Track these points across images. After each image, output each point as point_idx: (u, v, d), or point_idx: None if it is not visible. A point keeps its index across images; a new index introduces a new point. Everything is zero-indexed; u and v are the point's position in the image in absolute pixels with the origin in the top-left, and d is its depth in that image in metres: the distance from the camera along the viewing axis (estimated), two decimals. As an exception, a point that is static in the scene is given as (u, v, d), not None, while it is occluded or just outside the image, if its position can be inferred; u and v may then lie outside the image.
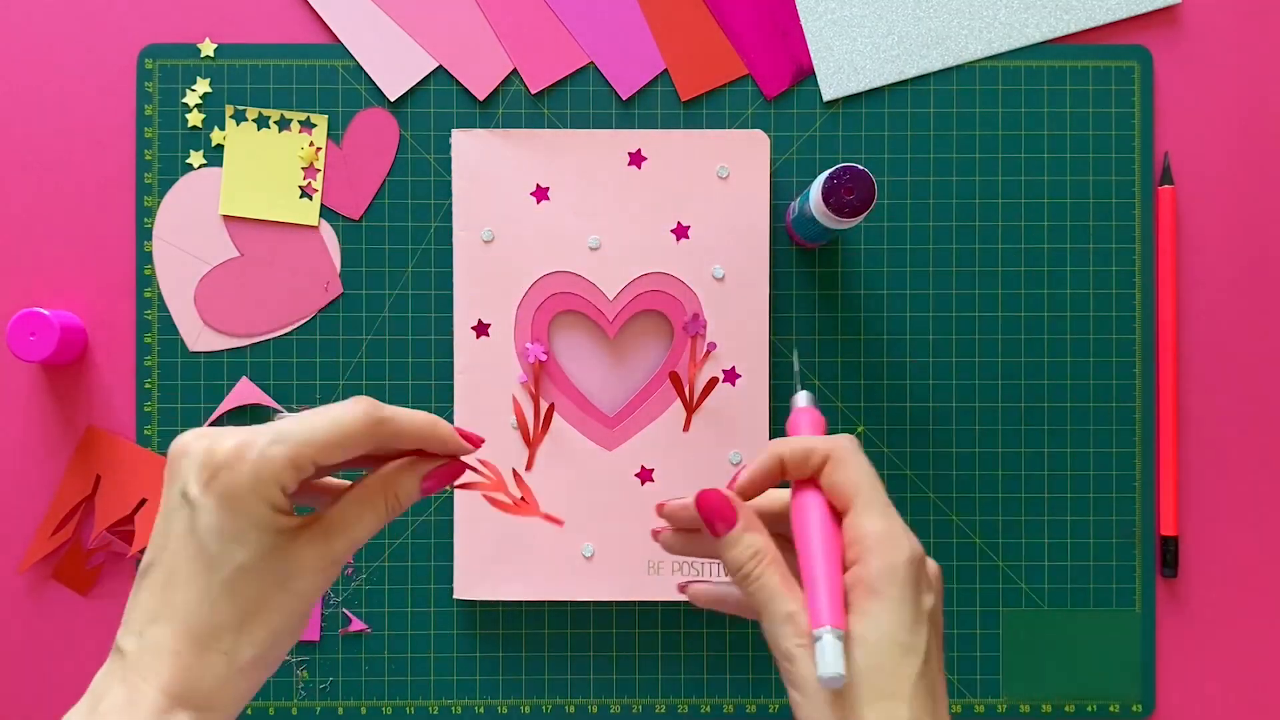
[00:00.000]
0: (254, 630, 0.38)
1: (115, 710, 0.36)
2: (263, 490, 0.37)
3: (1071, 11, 0.61)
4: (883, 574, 0.39)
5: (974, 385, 0.61)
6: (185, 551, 0.37)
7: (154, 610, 0.38)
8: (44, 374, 0.61)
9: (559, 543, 0.59)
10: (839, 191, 0.51)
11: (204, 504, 0.37)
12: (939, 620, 0.40)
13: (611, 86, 0.61)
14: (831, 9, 0.61)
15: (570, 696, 0.61)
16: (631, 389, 0.60)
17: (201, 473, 0.37)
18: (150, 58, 0.61)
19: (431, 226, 0.61)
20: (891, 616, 0.38)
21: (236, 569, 0.37)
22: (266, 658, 0.39)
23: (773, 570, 0.40)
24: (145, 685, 0.37)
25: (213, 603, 0.37)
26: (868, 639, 0.38)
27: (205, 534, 0.37)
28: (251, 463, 0.37)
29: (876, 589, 0.39)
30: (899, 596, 0.39)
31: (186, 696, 0.37)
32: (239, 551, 0.37)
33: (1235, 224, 0.62)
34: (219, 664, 0.37)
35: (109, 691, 0.37)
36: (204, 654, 0.37)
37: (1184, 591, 0.61)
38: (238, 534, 0.37)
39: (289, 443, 0.38)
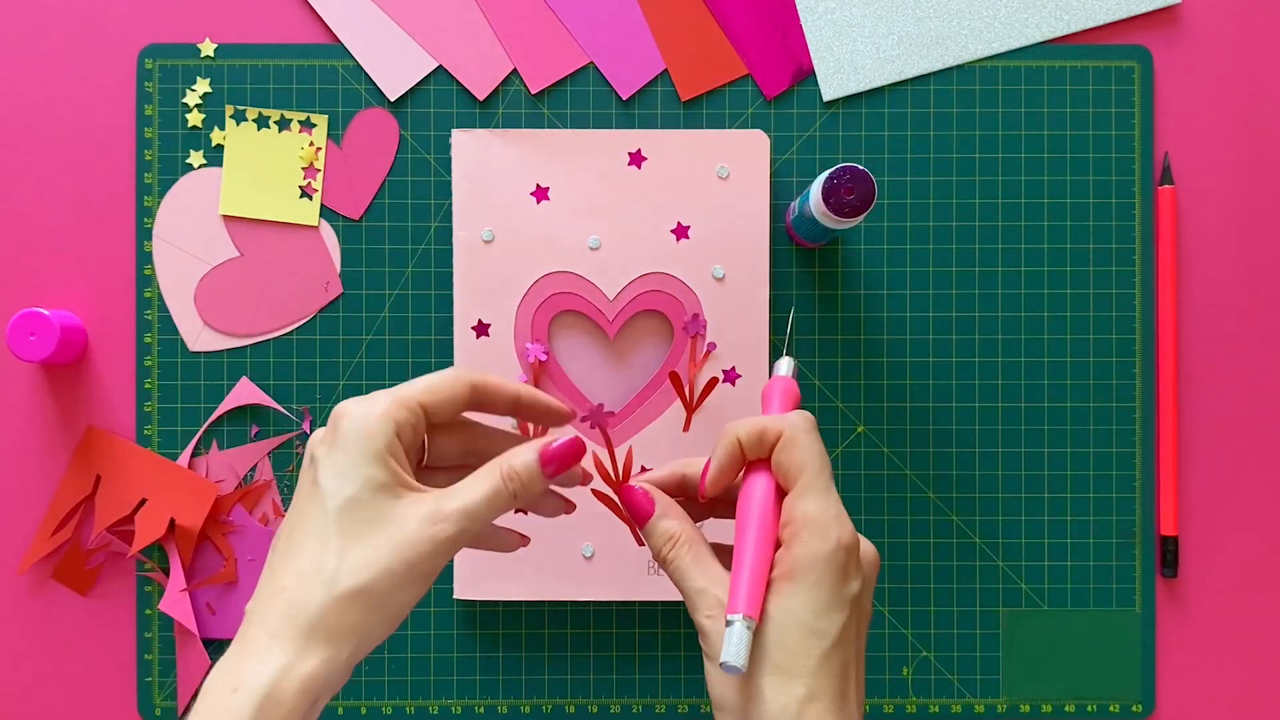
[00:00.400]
0: (355, 560, 0.39)
1: (223, 665, 0.38)
2: (374, 427, 0.39)
3: (1071, 11, 0.61)
4: (804, 559, 0.40)
5: (974, 385, 0.61)
6: (305, 502, 0.40)
7: (272, 563, 0.40)
8: (44, 374, 0.61)
9: (559, 543, 0.59)
10: (839, 191, 0.51)
11: (325, 453, 0.40)
12: (865, 605, 0.42)
13: (611, 86, 0.61)
14: (831, 9, 0.61)
15: (570, 696, 0.61)
16: (631, 389, 0.60)
17: (324, 435, 0.40)
18: (150, 58, 0.61)
19: (431, 226, 0.61)
20: (804, 600, 0.40)
21: (344, 501, 0.39)
22: (373, 592, 0.39)
23: (684, 550, 0.42)
24: (254, 630, 0.39)
25: (319, 535, 0.39)
26: (775, 619, 0.39)
27: (323, 476, 0.39)
28: (363, 409, 0.40)
29: (795, 573, 0.40)
30: (816, 581, 0.40)
31: (284, 631, 0.38)
32: (346, 486, 0.39)
33: (1235, 224, 0.62)
34: (319, 592, 0.38)
35: (231, 649, 0.39)
36: (307, 584, 0.39)
37: (1184, 591, 0.61)
38: (346, 469, 0.39)
39: (390, 393, 0.41)
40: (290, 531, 0.40)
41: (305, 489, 0.40)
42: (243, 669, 0.38)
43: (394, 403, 0.40)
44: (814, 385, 0.61)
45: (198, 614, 0.60)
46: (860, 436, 0.61)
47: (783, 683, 0.39)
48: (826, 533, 0.40)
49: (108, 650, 0.61)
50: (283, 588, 0.39)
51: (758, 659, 0.39)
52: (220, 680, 0.38)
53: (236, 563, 0.60)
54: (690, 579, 0.41)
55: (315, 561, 0.39)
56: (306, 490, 0.40)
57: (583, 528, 0.59)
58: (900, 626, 0.61)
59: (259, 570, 0.60)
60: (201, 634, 0.60)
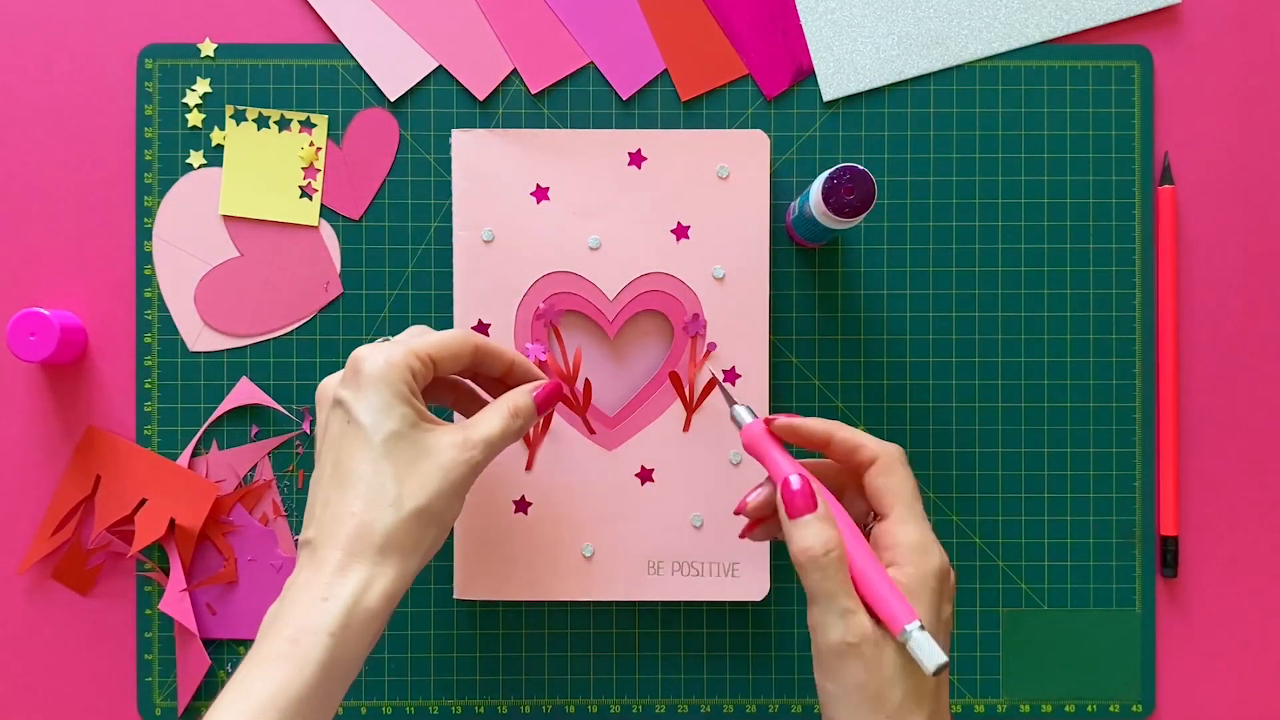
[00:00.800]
0: (411, 485, 0.44)
1: (305, 582, 0.43)
2: (395, 373, 0.45)
3: (1071, 11, 0.61)
4: (915, 582, 0.42)
5: (974, 385, 0.61)
6: (345, 439, 0.45)
7: (326, 496, 0.45)
8: (44, 374, 0.61)
9: (559, 543, 0.59)
10: (839, 191, 0.51)
11: (352, 395, 0.45)
12: (951, 626, 0.44)
13: (611, 86, 0.61)
14: (831, 9, 0.61)
15: (570, 696, 0.61)
16: (631, 389, 0.60)
17: (345, 380, 0.46)
18: (150, 58, 0.61)
19: (431, 226, 0.61)
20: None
21: (389, 434, 0.45)
22: (431, 510, 0.45)
23: (842, 566, 0.42)
24: (327, 551, 0.43)
25: (374, 465, 0.44)
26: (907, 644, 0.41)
27: (359, 414, 0.45)
28: (383, 356, 0.45)
29: (911, 593, 0.42)
30: (928, 604, 0.42)
31: (360, 549, 0.43)
32: (387, 421, 0.45)
33: (1235, 224, 0.62)
34: (388, 514, 0.44)
35: (300, 571, 0.44)
36: (374, 508, 0.44)
37: (1184, 591, 0.61)
38: (384, 407, 0.45)
39: (407, 343, 0.47)
40: (335, 468, 0.45)
41: (338, 428, 0.45)
42: (329, 582, 0.43)
43: (409, 352, 0.46)
44: (814, 385, 0.61)
45: (198, 614, 0.60)
46: (860, 436, 0.61)
47: (914, 708, 0.41)
48: (930, 557, 0.43)
49: (108, 650, 0.61)
50: (351, 513, 0.44)
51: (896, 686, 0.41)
52: (305, 595, 0.43)
53: (236, 563, 0.60)
54: (842, 598, 0.42)
55: (376, 488, 0.44)
56: (340, 429, 0.45)
57: (583, 528, 0.59)
58: (900, 626, 0.61)
59: (259, 570, 0.60)
60: (201, 634, 0.60)
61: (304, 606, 0.43)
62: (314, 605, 0.42)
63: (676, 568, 0.59)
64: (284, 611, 0.43)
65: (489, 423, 0.48)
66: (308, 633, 0.42)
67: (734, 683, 0.61)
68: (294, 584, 0.44)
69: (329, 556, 0.43)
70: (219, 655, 0.60)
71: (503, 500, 0.59)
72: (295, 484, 0.60)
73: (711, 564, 0.59)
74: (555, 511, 0.59)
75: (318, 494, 0.45)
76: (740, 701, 0.61)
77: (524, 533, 0.59)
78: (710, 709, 0.61)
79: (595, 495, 0.59)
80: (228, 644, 0.60)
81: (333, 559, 0.43)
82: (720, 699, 0.61)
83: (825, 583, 0.42)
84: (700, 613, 0.61)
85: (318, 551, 0.44)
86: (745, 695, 0.61)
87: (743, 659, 0.61)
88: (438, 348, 0.47)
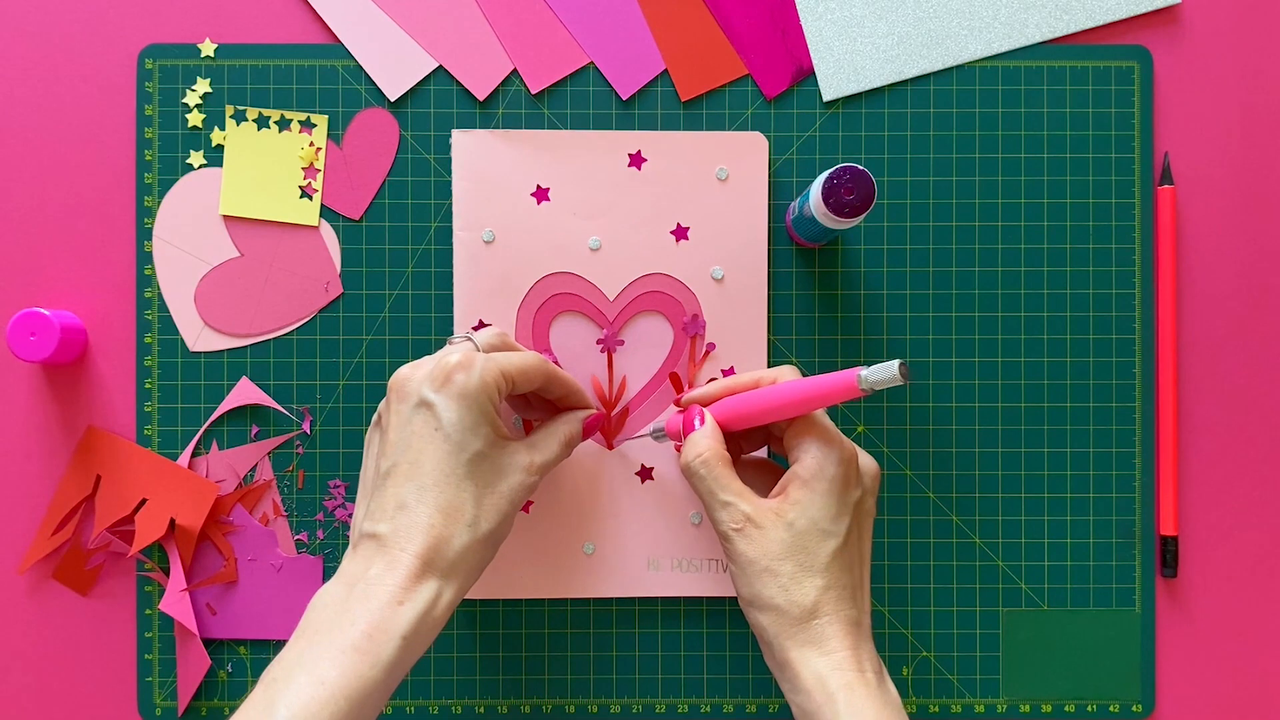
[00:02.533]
0: (487, 507, 0.47)
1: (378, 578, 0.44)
2: (488, 392, 0.47)
3: (1071, 11, 0.61)
4: (813, 471, 0.48)
5: (974, 385, 0.61)
6: (430, 445, 0.46)
7: (401, 498, 0.46)
8: (44, 374, 0.61)
9: (560, 541, 0.59)
10: (839, 192, 0.51)
11: (444, 403, 0.46)
12: (867, 508, 0.50)
13: (611, 86, 0.61)
14: (831, 9, 0.61)
15: (570, 696, 0.61)
16: (631, 389, 0.60)
17: (436, 381, 0.47)
18: (150, 58, 0.61)
19: (431, 226, 0.61)
20: (815, 507, 0.48)
21: (475, 455, 0.47)
22: (498, 533, 0.47)
23: (714, 467, 0.49)
24: (403, 554, 0.45)
25: (458, 483, 0.46)
26: (795, 524, 0.48)
27: (449, 426, 0.46)
28: (478, 370, 0.47)
29: (807, 482, 0.48)
30: (824, 491, 0.48)
31: (436, 562, 0.45)
32: (475, 440, 0.47)
33: (1235, 224, 0.62)
34: (465, 534, 0.46)
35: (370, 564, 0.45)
36: (452, 525, 0.46)
37: (1184, 591, 0.61)
38: (474, 425, 0.47)
39: (498, 360, 0.49)
40: (415, 469, 0.46)
41: (423, 429, 0.47)
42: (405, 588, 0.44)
43: (500, 374, 0.48)
44: (814, 385, 0.61)
45: (198, 614, 0.60)
46: (860, 436, 0.61)
47: (806, 577, 0.47)
48: (830, 447, 0.48)
49: (108, 650, 0.61)
50: (431, 524, 0.45)
51: (785, 560, 0.47)
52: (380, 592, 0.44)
53: (236, 563, 0.60)
54: (721, 493, 0.49)
55: (456, 505, 0.46)
56: (426, 432, 0.46)
57: (584, 526, 0.59)
58: (900, 626, 0.61)
59: (259, 570, 0.60)
60: (201, 634, 0.60)
61: (379, 604, 0.44)
62: (390, 606, 0.44)
63: (676, 565, 0.59)
64: (356, 603, 0.44)
65: (549, 449, 0.51)
66: (383, 632, 0.43)
67: (734, 683, 0.61)
68: (365, 576, 0.45)
69: (405, 561, 0.45)
70: (219, 655, 0.60)
71: (503, 500, 0.59)
72: (295, 484, 0.60)
73: (711, 561, 0.59)
74: (556, 510, 0.59)
75: (389, 491, 0.46)
76: (740, 701, 0.61)
77: (525, 531, 0.59)
78: (710, 709, 0.61)
79: (596, 494, 0.59)
80: (228, 644, 0.60)
81: (409, 565, 0.45)
82: (720, 699, 0.61)
83: (703, 483, 0.50)
84: (700, 612, 0.61)
85: (390, 551, 0.45)
86: (745, 695, 0.61)
87: (742, 659, 0.61)
88: (519, 373, 0.49)
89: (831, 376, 0.47)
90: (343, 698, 0.41)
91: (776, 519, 0.48)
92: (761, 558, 0.48)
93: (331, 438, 0.61)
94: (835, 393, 0.47)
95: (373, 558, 0.45)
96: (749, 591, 0.48)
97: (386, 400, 0.49)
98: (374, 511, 0.47)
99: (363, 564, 0.45)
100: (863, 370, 0.46)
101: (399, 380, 0.49)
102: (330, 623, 0.43)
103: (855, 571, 0.49)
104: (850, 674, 0.47)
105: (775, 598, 0.47)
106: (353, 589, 0.44)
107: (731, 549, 0.49)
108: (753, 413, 0.51)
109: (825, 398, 0.48)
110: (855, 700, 0.46)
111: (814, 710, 0.46)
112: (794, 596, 0.47)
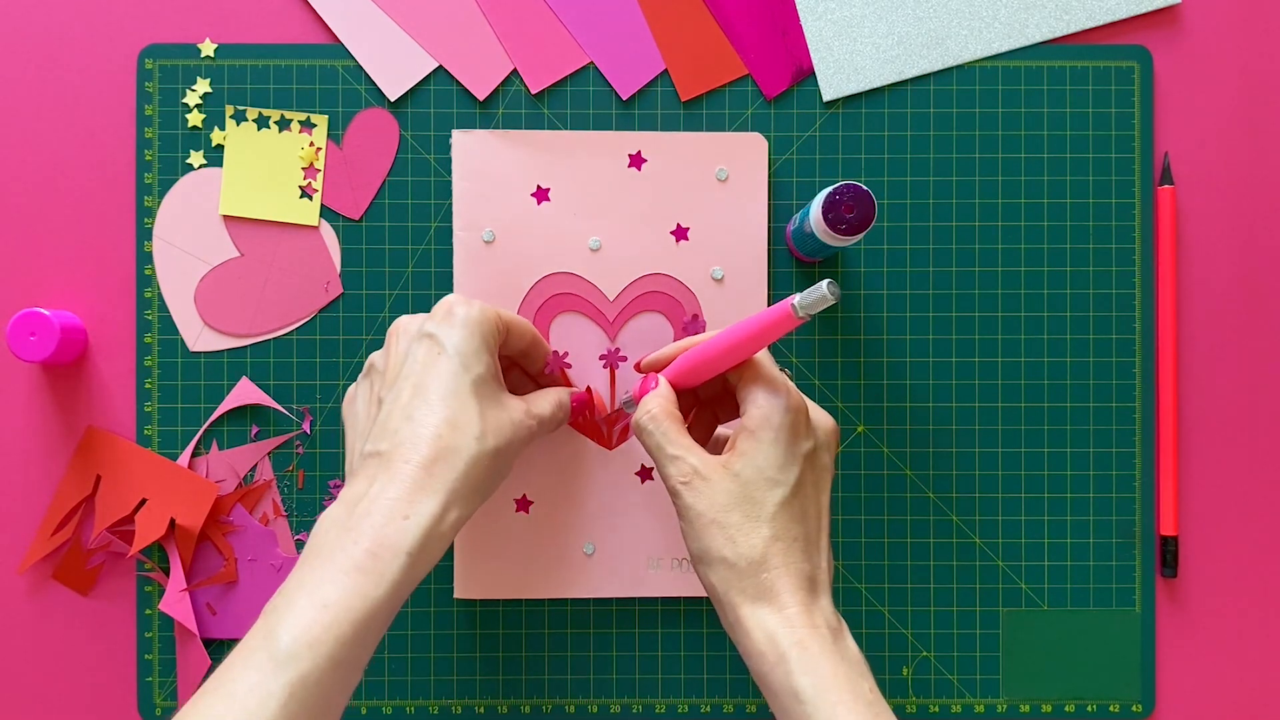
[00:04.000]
0: (491, 425, 0.46)
1: (379, 493, 0.43)
2: (487, 325, 0.47)
3: (1071, 11, 0.61)
4: (759, 421, 0.47)
5: (974, 385, 0.61)
6: (434, 366, 0.46)
7: (406, 412, 0.45)
8: (44, 374, 0.61)
9: (560, 541, 0.59)
10: (839, 208, 0.51)
11: (447, 330, 0.46)
12: (822, 461, 0.49)
13: (611, 86, 0.61)
14: (831, 9, 0.61)
15: (570, 696, 0.61)
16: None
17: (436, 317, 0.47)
18: (150, 58, 0.61)
19: (431, 226, 0.61)
20: (765, 455, 0.47)
21: (478, 376, 0.46)
22: (503, 455, 0.47)
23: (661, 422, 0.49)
24: (406, 465, 0.43)
25: (464, 398, 0.45)
26: (742, 474, 0.46)
27: (452, 349, 0.46)
28: (477, 307, 0.48)
29: (753, 432, 0.47)
30: (770, 439, 0.47)
31: (442, 472, 0.44)
32: (478, 364, 0.46)
33: (1235, 224, 0.62)
34: (473, 445, 0.45)
35: (372, 480, 0.43)
36: (459, 436, 0.44)
37: (1184, 591, 0.61)
38: (476, 350, 0.46)
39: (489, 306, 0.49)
40: (418, 390, 0.45)
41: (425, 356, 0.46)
42: (409, 499, 0.43)
43: (496, 313, 0.48)
44: (814, 385, 0.61)
45: (198, 614, 0.60)
46: (860, 436, 0.61)
47: (753, 528, 0.46)
48: (777, 396, 0.47)
49: (108, 650, 0.61)
50: (438, 434, 0.44)
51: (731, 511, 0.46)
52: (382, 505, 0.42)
53: (236, 563, 0.60)
54: (666, 448, 0.48)
55: (464, 418, 0.45)
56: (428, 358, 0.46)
57: (584, 526, 0.59)
58: (900, 626, 0.61)
59: (259, 570, 0.60)
60: (201, 634, 0.60)
61: (382, 518, 0.42)
62: (393, 520, 0.42)
63: (676, 565, 0.59)
64: (358, 519, 0.42)
65: (544, 403, 0.51)
66: (387, 548, 0.41)
67: (734, 683, 0.61)
68: (366, 494, 0.43)
69: (407, 472, 0.43)
70: (219, 655, 0.60)
71: (503, 499, 0.59)
72: (295, 484, 0.60)
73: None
74: (556, 510, 0.59)
75: (388, 411, 0.45)
76: (740, 701, 0.61)
77: (525, 531, 0.59)
78: (710, 709, 0.61)
79: (596, 494, 0.59)
80: (228, 644, 0.60)
81: (413, 476, 0.43)
82: (720, 699, 0.61)
83: (651, 438, 0.49)
84: (700, 612, 0.61)
85: (393, 464, 0.43)
86: (745, 695, 0.61)
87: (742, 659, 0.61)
88: (514, 323, 0.50)
89: (767, 310, 0.46)
90: (346, 621, 0.40)
91: (723, 471, 0.47)
92: (709, 510, 0.46)
93: (331, 438, 0.61)
94: (772, 324, 0.46)
95: (375, 474, 0.44)
96: (697, 547, 0.47)
97: (384, 347, 0.49)
98: (375, 433, 0.45)
99: (364, 482, 0.44)
100: (794, 298, 0.44)
101: (398, 324, 0.49)
102: (332, 544, 0.42)
103: (808, 524, 0.47)
104: (802, 631, 0.44)
105: (723, 549, 0.46)
106: (354, 507, 0.43)
107: (680, 504, 0.47)
108: (700, 362, 0.50)
109: (764, 331, 0.46)
110: (808, 659, 0.44)
111: (766, 672, 0.45)
112: (741, 549, 0.45)
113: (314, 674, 0.39)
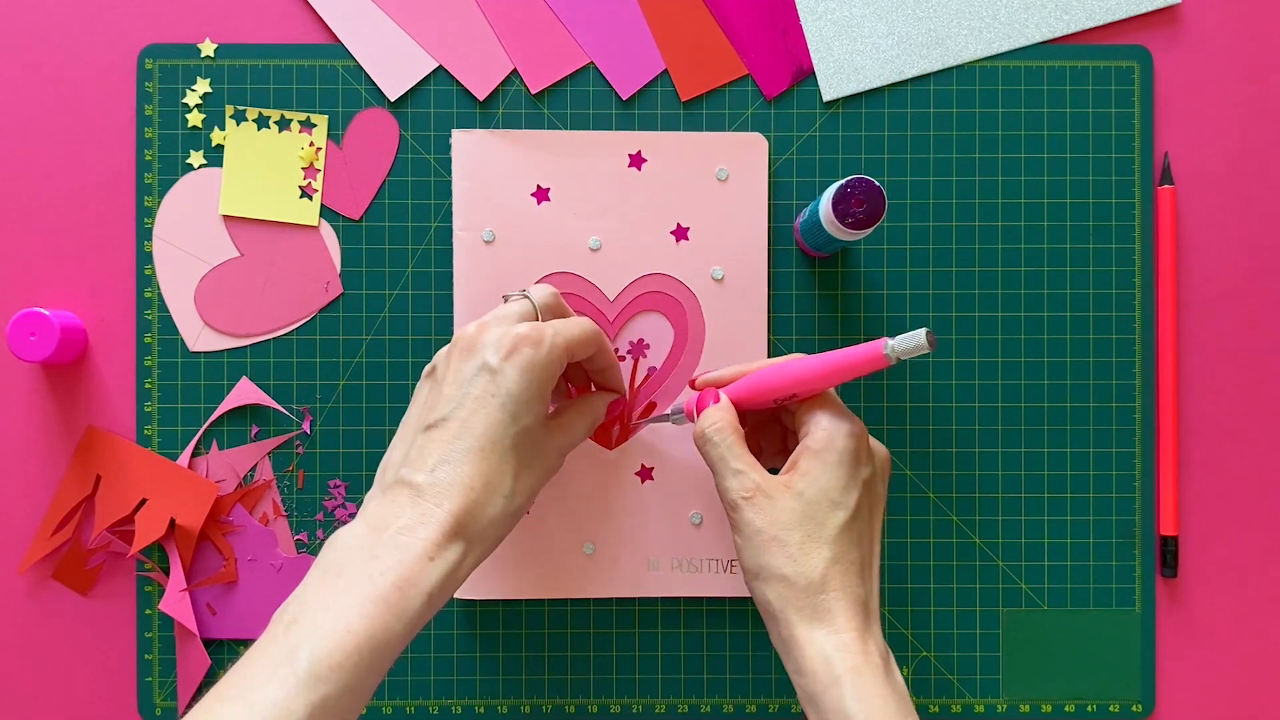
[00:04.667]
0: (522, 484, 0.47)
1: (410, 529, 0.44)
2: (551, 370, 0.47)
3: (1071, 11, 0.61)
4: (823, 443, 0.48)
5: (974, 385, 0.61)
6: (484, 410, 0.46)
7: (445, 454, 0.45)
8: (44, 374, 0.61)
9: (560, 541, 0.59)
10: (849, 201, 0.51)
11: (507, 372, 0.46)
12: (877, 490, 0.50)
13: (611, 86, 0.61)
14: (831, 9, 0.61)
15: (570, 696, 0.61)
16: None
17: (503, 349, 0.46)
18: (150, 58, 0.61)
19: (431, 226, 0.61)
20: (830, 478, 0.48)
21: (523, 429, 0.46)
22: (520, 511, 0.47)
23: (727, 435, 0.50)
24: (439, 510, 0.44)
25: (503, 453, 0.46)
26: (805, 494, 0.47)
27: (506, 396, 0.46)
28: (546, 345, 0.47)
29: (818, 453, 0.48)
30: (835, 462, 0.48)
31: (468, 525, 0.45)
32: (526, 416, 0.46)
33: (1235, 224, 0.62)
34: (499, 504, 0.46)
35: (401, 513, 0.44)
36: (490, 493, 0.45)
37: (1184, 591, 0.61)
38: (529, 401, 0.46)
39: (564, 336, 0.48)
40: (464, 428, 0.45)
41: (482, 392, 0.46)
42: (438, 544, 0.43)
43: (566, 350, 0.48)
44: (814, 385, 0.61)
45: (198, 614, 0.60)
46: (860, 436, 0.61)
47: (814, 548, 0.47)
48: (840, 424, 0.49)
49: (108, 650, 0.61)
50: (472, 487, 0.45)
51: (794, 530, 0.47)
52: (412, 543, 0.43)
53: (236, 563, 0.60)
54: (732, 460, 0.49)
55: (498, 475, 0.46)
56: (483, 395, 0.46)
57: (584, 526, 0.59)
58: (900, 626, 0.61)
59: (259, 570, 0.60)
60: (201, 634, 0.60)
61: (412, 556, 0.43)
62: (422, 561, 0.43)
63: (676, 565, 0.59)
64: (386, 552, 0.43)
65: (575, 431, 0.52)
66: (413, 586, 0.43)
67: (734, 683, 0.61)
68: (395, 524, 0.44)
69: (439, 517, 0.44)
70: (219, 655, 0.60)
71: (503, 500, 0.59)
72: (295, 484, 0.60)
73: (711, 561, 0.59)
74: (556, 510, 0.59)
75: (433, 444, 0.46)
76: (740, 701, 0.61)
77: (525, 531, 0.59)
78: (710, 709, 0.61)
79: (596, 494, 0.59)
80: (228, 644, 0.60)
81: (443, 523, 0.44)
82: (720, 699, 0.61)
83: (716, 449, 0.49)
84: (700, 613, 0.61)
85: (425, 503, 0.44)
86: (745, 695, 0.61)
87: (742, 659, 0.61)
88: (580, 345, 0.49)
89: (857, 348, 0.47)
90: (367, 649, 0.41)
91: (786, 489, 0.48)
92: (769, 527, 0.47)
93: (331, 438, 0.61)
94: (861, 363, 0.47)
95: (405, 507, 0.44)
96: (755, 563, 0.48)
97: (447, 354, 0.49)
98: (413, 459, 0.46)
99: (392, 510, 0.45)
100: (889, 339, 0.45)
101: (465, 338, 0.48)
102: (356, 568, 0.43)
103: (864, 549, 0.48)
104: (857, 657, 0.45)
105: (783, 567, 0.47)
106: (380, 535, 0.44)
107: (739, 518, 0.48)
108: (774, 385, 0.50)
109: (851, 368, 0.47)
110: (862, 686, 0.45)
111: (818, 693, 0.45)
112: (802, 567, 0.46)
113: (334, 697, 0.40)
